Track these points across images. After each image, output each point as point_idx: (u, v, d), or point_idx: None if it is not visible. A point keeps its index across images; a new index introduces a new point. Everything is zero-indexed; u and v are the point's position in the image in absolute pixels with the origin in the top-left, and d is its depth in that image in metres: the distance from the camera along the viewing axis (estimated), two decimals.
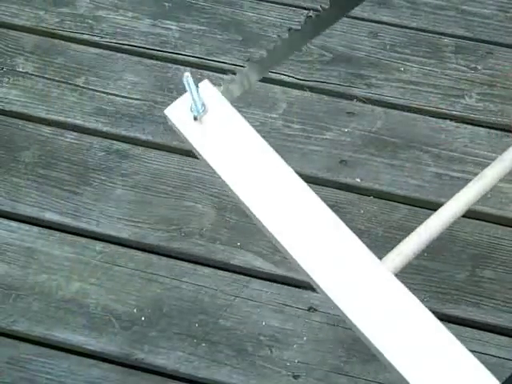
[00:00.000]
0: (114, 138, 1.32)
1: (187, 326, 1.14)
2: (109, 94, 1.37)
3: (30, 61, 1.41)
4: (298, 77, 1.38)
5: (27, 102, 1.36)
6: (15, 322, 1.15)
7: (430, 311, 0.60)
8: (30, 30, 1.45)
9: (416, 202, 1.25)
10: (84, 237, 1.23)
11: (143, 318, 1.15)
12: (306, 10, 1.46)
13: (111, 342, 1.14)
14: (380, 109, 1.34)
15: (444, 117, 1.34)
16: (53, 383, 1.11)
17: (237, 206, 1.25)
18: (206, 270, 1.19)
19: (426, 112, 1.34)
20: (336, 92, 1.36)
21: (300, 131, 1.32)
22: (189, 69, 0.63)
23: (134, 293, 1.17)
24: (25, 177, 1.28)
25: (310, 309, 1.15)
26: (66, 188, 1.27)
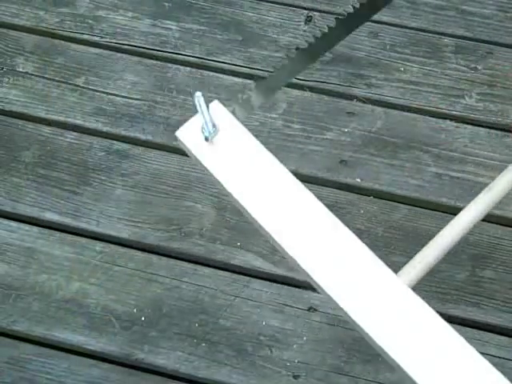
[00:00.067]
0: (114, 137, 1.32)
1: (187, 326, 1.14)
2: (109, 94, 1.37)
3: (30, 61, 1.41)
4: (298, 77, 1.38)
5: (27, 102, 1.36)
6: (15, 322, 1.15)
7: (447, 323, 0.60)
8: (30, 30, 1.45)
9: (416, 202, 1.25)
10: (84, 237, 1.23)
11: (143, 318, 1.15)
12: (305, 10, 1.46)
13: (111, 342, 1.14)
14: (380, 109, 1.34)
15: (444, 117, 1.34)
16: (53, 383, 1.11)
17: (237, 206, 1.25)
18: (206, 269, 1.19)
19: (425, 112, 1.34)
20: (336, 92, 1.36)
21: (300, 131, 1.32)
22: (200, 93, 0.62)
23: (134, 293, 1.17)
24: (25, 177, 1.28)
25: (309, 309, 1.15)
26: (66, 188, 1.27)
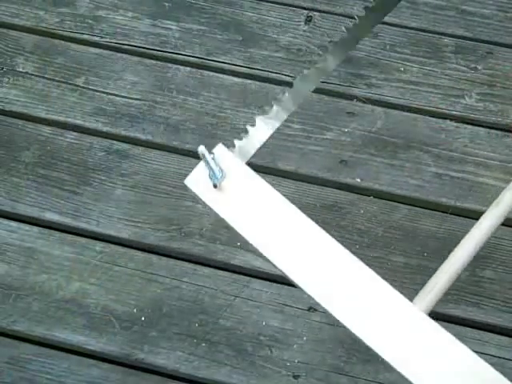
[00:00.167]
0: (114, 137, 1.32)
1: (187, 326, 1.14)
2: (109, 94, 1.37)
3: (30, 61, 1.41)
4: None
5: (27, 101, 1.36)
6: (15, 322, 1.15)
7: (467, 347, 0.60)
8: (30, 30, 1.45)
9: (416, 202, 1.25)
10: (84, 237, 1.23)
11: (143, 318, 1.15)
12: (305, 10, 1.46)
13: (111, 342, 1.14)
14: (380, 109, 1.34)
15: (444, 117, 1.34)
16: (53, 383, 1.11)
17: None
18: (206, 269, 1.19)
19: (426, 112, 1.34)
20: (336, 92, 1.36)
21: (300, 131, 1.32)
22: (203, 147, 0.63)
23: (134, 293, 1.17)
24: (25, 177, 1.28)
25: (309, 309, 1.15)
26: (66, 188, 1.27)
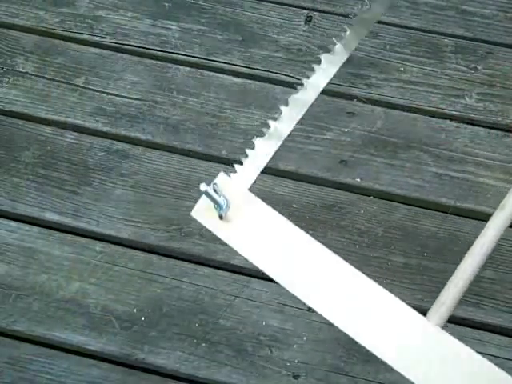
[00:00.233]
0: (114, 137, 1.32)
1: (187, 326, 1.14)
2: (109, 94, 1.37)
3: (30, 61, 1.41)
4: (298, 77, 1.38)
5: (27, 102, 1.36)
6: (15, 322, 1.15)
7: (487, 360, 0.60)
8: (30, 30, 1.45)
9: (416, 202, 1.25)
10: (84, 237, 1.22)
11: (143, 318, 1.15)
12: (305, 10, 1.46)
13: (111, 342, 1.13)
14: (380, 109, 1.34)
15: (444, 117, 1.34)
16: (53, 383, 1.11)
17: None
18: (206, 269, 1.19)
19: (425, 112, 1.34)
20: (336, 92, 1.36)
21: (300, 131, 1.32)
22: (206, 183, 0.63)
23: (133, 293, 1.17)
24: (25, 177, 1.28)
25: (309, 309, 1.15)
26: (66, 188, 1.27)
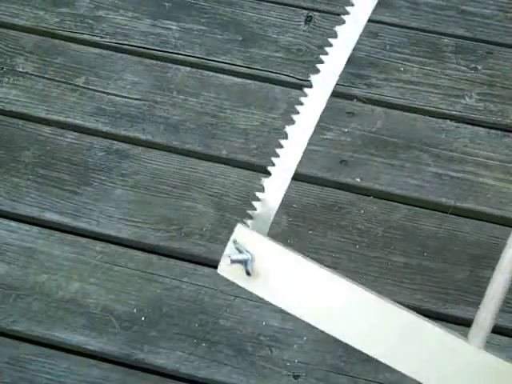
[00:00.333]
0: (114, 137, 1.32)
1: (187, 326, 1.14)
2: (109, 94, 1.37)
3: (29, 61, 1.41)
4: (298, 77, 1.38)
5: (27, 102, 1.36)
6: (15, 322, 1.15)
7: None
8: (30, 30, 1.45)
9: (416, 202, 1.25)
10: (84, 237, 1.22)
11: (143, 318, 1.15)
12: (305, 10, 1.46)
13: (111, 342, 1.13)
14: (380, 109, 1.34)
15: (444, 117, 1.34)
16: (53, 383, 1.11)
17: (237, 206, 1.25)
18: (206, 269, 1.19)
19: (425, 112, 1.34)
20: (336, 92, 1.36)
21: None
22: (228, 258, 0.63)
23: (133, 293, 1.17)
24: (25, 177, 1.28)
25: None
26: (66, 188, 1.27)
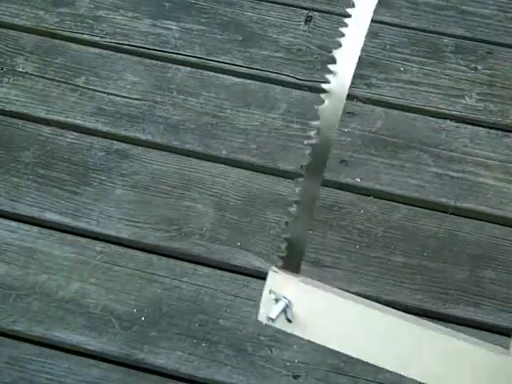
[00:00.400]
0: (114, 137, 1.32)
1: (187, 325, 1.14)
2: (109, 94, 1.37)
3: (29, 61, 1.41)
4: (298, 77, 1.38)
5: (27, 102, 1.36)
6: (15, 322, 1.15)
7: None
8: (30, 30, 1.45)
9: (416, 202, 1.25)
10: (84, 237, 1.22)
11: (143, 318, 1.15)
12: (305, 10, 1.46)
13: (111, 342, 1.13)
14: (380, 109, 1.34)
15: (444, 117, 1.34)
16: (53, 383, 1.11)
17: (237, 206, 1.25)
18: (206, 269, 1.19)
19: (425, 112, 1.34)
20: None
21: (300, 131, 1.32)
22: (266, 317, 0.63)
23: (133, 293, 1.17)
24: (25, 177, 1.28)
25: None
26: (66, 188, 1.27)
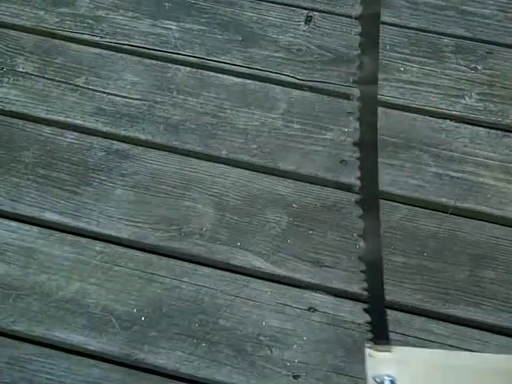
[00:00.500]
0: (114, 137, 1.32)
1: (187, 325, 1.14)
2: (109, 94, 1.37)
3: (29, 61, 1.41)
4: (298, 77, 1.38)
5: (27, 102, 1.36)
6: (15, 322, 1.15)
7: None
8: (30, 30, 1.45)
9: (416, 202, 1.25)
10: (84, 237, 1.22)
11: (143, 318, 1.15)
12: (305, 10, 1.46)
13: (111, 342, 1.13)
14: (380, 109, 1.34)
15: (444, 117, 1.34)
16: (53, 383, 1.11)
17: (237, 206, 1.25)
18: (206, 269, 1.19)
19: (426, 112, 1.34)
20: (336, 92, 1.36)
21: (300, 131, 1.32)
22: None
23: (133, 293, 1.17)
24: (25, 177, 1.28)
25: (309, 309, 1.15)
26: (66, 188, 1.27)
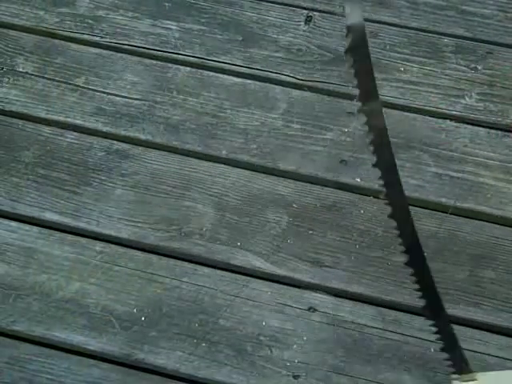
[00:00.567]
0: (114, 137, 1.32)
1: (187, 325, 1.14)
2: (109, 94, 1.37)
3: (29, 61, 1.41)
4: (298, 77, 1.38)
5: (27, 102, 1.36)
6: (15, 322, 1.15)
7: None
8: (30, 30, 1.45)
9: (416, 202, 1.25)
10: (84, 237, 1.22)
11: (143, 318, 1.15)
12: (305, 10, 1.46)
13: (111, 341, 1.13)
14: None
15: (444, 117, 1.34)
16: (53, 383, 1.11)
17: (237, 206, 1.25)
18: (206, 269, 1.19)
19: (426, 112, 1.34)
20: (336, 92, 1.36)
21: (300, 131, 1.32)
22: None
23: (133, 293, 1.17)
24: (25, 177, 1.28)
25: (309, 309, 1.15)
26: (66, 188, 1.27)
